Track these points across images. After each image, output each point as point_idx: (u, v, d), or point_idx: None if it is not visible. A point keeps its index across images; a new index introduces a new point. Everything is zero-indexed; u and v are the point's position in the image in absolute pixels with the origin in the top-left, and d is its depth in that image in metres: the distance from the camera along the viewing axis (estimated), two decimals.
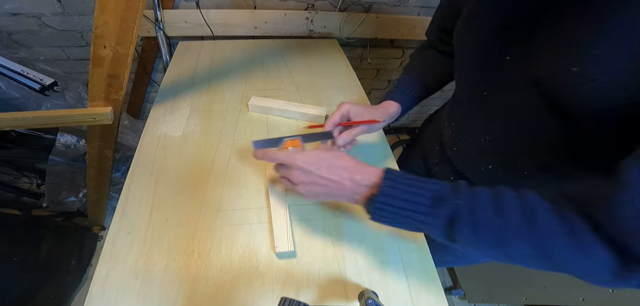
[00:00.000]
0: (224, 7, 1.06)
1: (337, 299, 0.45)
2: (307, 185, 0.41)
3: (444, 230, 0.35)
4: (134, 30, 0.55)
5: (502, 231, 0.33)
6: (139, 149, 0.63)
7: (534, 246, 0.31)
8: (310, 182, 0.41)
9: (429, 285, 0.48)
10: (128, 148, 1.20)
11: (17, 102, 0.94)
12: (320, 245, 0.51)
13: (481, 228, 0.34)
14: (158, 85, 0.91)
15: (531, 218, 0.31)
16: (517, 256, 0.33)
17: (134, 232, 0.50)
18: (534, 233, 0.31)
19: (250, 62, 0.95)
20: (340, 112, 0.55)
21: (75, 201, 1.18)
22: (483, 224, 0.33)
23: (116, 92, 0.65)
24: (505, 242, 0.33)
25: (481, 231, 0.34)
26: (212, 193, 0.57)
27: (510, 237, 0.32)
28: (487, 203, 0.34)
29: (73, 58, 1.14)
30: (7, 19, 0.97)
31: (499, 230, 0.33)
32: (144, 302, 0.43)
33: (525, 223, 0.32)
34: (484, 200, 0.34)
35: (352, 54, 1.33)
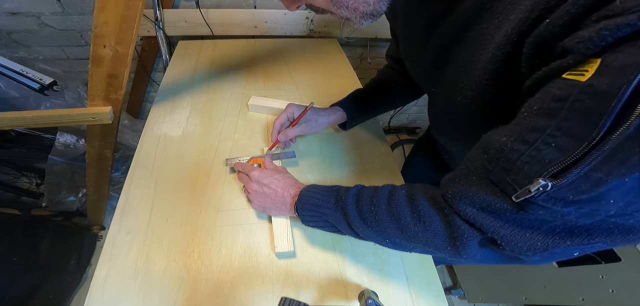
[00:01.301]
0: (224, 6, 1.05)
1: (337, 299, 0.45)
2: (257, 194, 0.50)
3: (346, 224, 0.42)
4: (134, 29, 0.55)
5: (378, 219, 0.39)
6: (139, 149, 0.63)
7: (397, 227, 0.37)
8: (260, 193, 0.50)
9: (429, 285, 0.48)
10: (128, 148, 1.20)
11: (17, 101, 0.94)
12: (320, 245, 0.51)
13: (366, 219, 0.40)
14: (158, 85, 0.91)
15: (390, 201, 0.38)
16: (397, 241, 0.39)
17: (133, 232, 0.50)
18: (392, 213, 0.38)
19: (250, 61, 0.95)
20: (286, 114, 0.61)
21: (75, 201, 1.18)
22: (365, 212, 0.40)
23: (116, 91, 0.65)
24: (385, 229, 0.39)
25: (367, 221, 0.40)
26: (212, 193, 0.56)
27: (384, 222, 0.38)
28: (367, 197, 0.41)
29: (72, 57, 1.13)
30: (6, 18, 0.96)
31: (376, 218, 0.39)
32: (144, 302, 0.43)
33: (388, 206, 0.38)
34: (366, 195, 0.41)
35: (352, 53, 1.33)
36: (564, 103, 0.22)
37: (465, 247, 0.33)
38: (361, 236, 0.42)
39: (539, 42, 0.25)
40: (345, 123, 0.66)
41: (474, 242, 0.32)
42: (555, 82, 0.23)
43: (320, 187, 0.47)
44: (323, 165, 0.64)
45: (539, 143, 0.24)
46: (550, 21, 0.23)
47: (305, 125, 0.60)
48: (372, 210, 0.40)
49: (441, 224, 0.34)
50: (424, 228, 0.35)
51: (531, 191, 0.24)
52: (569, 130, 0.22)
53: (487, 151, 0.29)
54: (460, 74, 0.36)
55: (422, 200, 0.36)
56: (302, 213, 0.46)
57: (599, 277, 0.81)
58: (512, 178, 0.26)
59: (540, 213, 0.26)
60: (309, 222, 0.46)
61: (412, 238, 0.37)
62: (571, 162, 0.22)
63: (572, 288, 0.87)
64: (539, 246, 0.28)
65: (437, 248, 0.35)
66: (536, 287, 0.96)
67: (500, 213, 0.29)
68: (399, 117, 1.75)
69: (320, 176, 0.62)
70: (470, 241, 0.32)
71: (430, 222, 0.35)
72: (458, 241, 0.33)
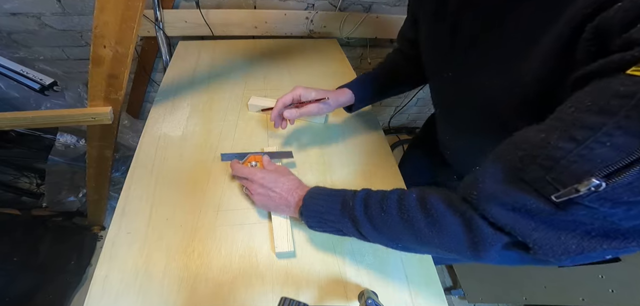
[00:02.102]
0: (224, 7, 1.05)
1: (336, 299, 0.45)
2: (262, 196, 0.50)
3: (354, 230, 0.42)
4: (134, 30, 0.55)
5: (389, 225, 0.38)
6: (139, 149, 0.63)
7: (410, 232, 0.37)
8: (264, 195, 0.50)
9: (429, 285, 0.48)
10: (128, 148, 1.20)
11: (17, 101, 0.94)
12: (320, 245, 0.51)
13: (376, 225, 0.39)
14: (158, 85, 0.91)
15: (401, 207, 0.38)
16: (409, 246, 0.39)
17: (133, 232, 0.50)
18: (404, 219, 0.37)
19: (250, 62, 0.95)
20: (292, 94, 0.58)
21: (75, 201, 1.18)
22: (376, 221, 0.39)
23: (116, 91, 0.65)
24: (396, 235, 0.38)
25: (377, 227, 0.39)
26: (212, 193, 0.57)
27: (396, 228, 0.38)
28: (376, 202, 0.40)
29: (73, 58, 1.13)
30: (6, 18, 0.96)
31: (387, 224, 0.38)
32: (144, 302, 0.43)
33: (399, 211, 0.38)
34: (374, 200, 0.40)
35: (352, 53, 1.33)
36: (627, 100, 0.21)
37: (487, 251, 0.31)
38: (370, 241, 0.42)
39: (602, 28, 0.23)
40: (350, 107, 0.65)
41: (497, 246, 0.31)
42: (617, 78, 0.22)
43: (324, 192, 0.46)
44: (323, 165, 0.64)
45: (590, 142, 0.22)
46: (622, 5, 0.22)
47: (312, 107, 0.58)
48: (382, 216, 0.39)
49: (460, 227, 0.33)
50: (439, 232, 0.34)
51: (580, 191, 0.23)
52: (630, 129, 0.21)
53: (521, 148, 0.28)
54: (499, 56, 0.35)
55: (436, 204, 0.35)
56: (307, 220, 0.46)
57: (599, 277, 0.81)
58: (553, 177, 0.25)
59: (581, 214, 0.25)
60: (314, 228, 0.46)
61: (426, 243, 0.36)
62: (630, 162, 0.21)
63: (572, 288, 0.87)
64: (572, 250, 0.27)
65: (454, 251, 0.34)
66: (536, 287, 0.96)
67: (533, 214, 0.28)
68: (399, 117, 1.75)
69: (320, 176, 0.62)
70: (494, 245, 0.31)
71: (446, 226, 0.34)
72: (479, 245, 0.32)
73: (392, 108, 1.70)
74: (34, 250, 1.07)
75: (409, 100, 1.62)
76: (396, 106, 1.68)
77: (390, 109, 1.71)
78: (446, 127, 0.56)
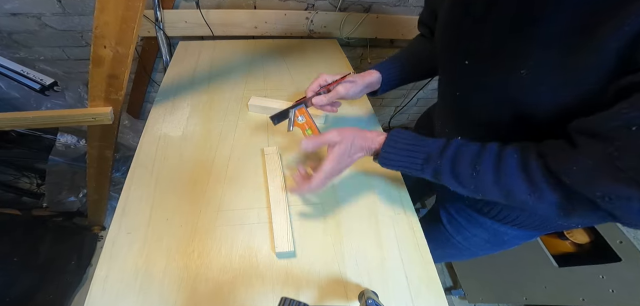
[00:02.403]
0: (224, 7, 1.05)
1: (337, 299, 0.45)
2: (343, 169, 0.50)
3: (433, 179, 0.44)
4: (134, 30, 0.55)
5: (478, 185, 0.40)
6: (139, 149, 0.63)
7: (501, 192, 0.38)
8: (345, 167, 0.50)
9: (429, 285, 0.48)
10: (128, 148, 1.20)
11: (17, 102, 0.94)
12: (320, 245, 0.51)
13: (463, 181, 0.41)
14: (158, 85, 0.91)
15: (499, 168, 0.38)
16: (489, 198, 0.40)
17: (134, 232, 0.50)
18: (500, 181, 0.38)
19: (250, 62, 0.95)
20: (318, 81, 0.59)
21: (75, 201, 1.18)
22: (463, 179, 0.41)
23: (116, 92, 0.65)
24: (483, 192, 0.40)
25: (463, 183, 0.41)
26: (212, 193, 0.57)
27: (485, 188, 0.39)
28: (468, 162, 0.41)
29: (73, 58, 1.14)
30: (7, 19, 0.96)
31: (476, 185, 0.40)
32: (144, 302, 0.43)
33: (495, 174, 0.38)
34: (466, 159, 0.41)
35: (352, 53, 1.33)
36: None
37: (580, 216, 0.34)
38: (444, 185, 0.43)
39: None
40: (375, 92, 0.65)
41: (589, 213, 0.33)
42: None
43: (406, 140, 0.46)
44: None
45: None
46: None
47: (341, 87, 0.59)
48: (472, 176, 0.40)
49: (559, 199, 0.35)
50: (538, 200, 0.36)
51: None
52: None
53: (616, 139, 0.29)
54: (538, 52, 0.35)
55: (538, 172, 0.36)
56: (384, 165, 0.47)
57: (600, 277, 0.81)
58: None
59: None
60: (390, 168, 0.47)
61: (515, 203, 0.38)
62: None
63: (572, 288, 0.87)
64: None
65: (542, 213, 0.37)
66: (536, 287, 0.96)
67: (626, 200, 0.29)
68: (399, 117, 1.75)
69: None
70: (588, 216, 0.34)
71: (546, 196, 0.35)
72: (573, 214, 0.34)
73: (392, 108, 1.70)
74: (34, 250, 1.07)
75: (409, 100, 1.62)
76: (396, 106, 1.68)
77: (390, 109, 1.71)
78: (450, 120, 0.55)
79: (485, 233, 0.59)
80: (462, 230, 0.62)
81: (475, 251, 0.65)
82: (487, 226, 0.57)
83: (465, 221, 0.60)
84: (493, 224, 0.56)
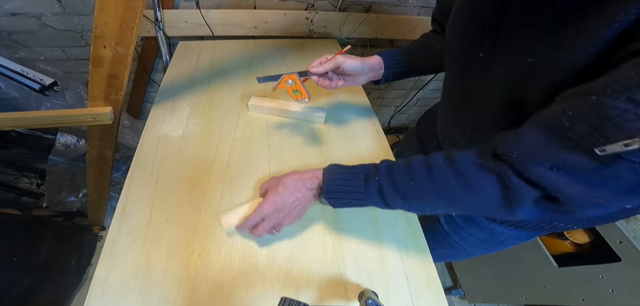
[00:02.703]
0: (224, 7, 1.05)
1: (337, 299, 0.45)
2: (287, 216, 0.48)
3: (381, 202, 0.42)
4: (134, 30, 0.55)
5: (418, 191, 0.39)
6: (139, 149, 0.63)
7: (440, 196, 0.38)
8: (288, 214, 0.48)
9: (429, 285, 0.48)
10: (128, 148, 1.20)
11: (17, 102, 0.94)
12: (320, 245, 0.51)
13: (404, 193, 0.40)
14: (158, 85, 0.91)
15: (430, 173, 0.38)
16: (441, 209, 0.40)
17: (134, 232, 0.50)
18: (434, 183, 0.38)
19: (250, 62, 0.95)
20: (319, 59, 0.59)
21: (75, 201, 1.18)
22: (403, 189, 0.40)
23: (116, 92, 0.65)
24: (426, 200, 0.39)
25: (405, 194, 0.40)
26: (212, 193, 0.57)
27: (426, 194, 0.39)
28: (402, 170, 0.41)
29: (73, 58, 1.14)
30: (7, 19, 0.96)
31: (416, 190, 0.39)
32: (144, 302, 0.43)
33: (428, 178, 0.38)
34: (399, 169, 0.41)
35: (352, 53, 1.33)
36: None
37: (520, 206, 0.33)
38: (396, 208, 0.43)
39: None
40: (379, 81, 0.65)
41: (529, 201, 0.33)
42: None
43: (341, 170, 0.46)
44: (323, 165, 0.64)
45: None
46: None
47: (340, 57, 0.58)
48: (411, 185, 0.40)
49: (495, 186, 0.35)
50: (472, 192, 0.36)
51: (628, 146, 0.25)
52: None
53: (568, 109, 0.29)
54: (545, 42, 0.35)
55: (466, 163, 0.36)
56: (331, 202, 0.46)
57: (599, 277, 0.81)
58: (603, 134, 0.27)
59: (622, 168, 0.27)
60: (338, 206, 0.46)
61: (456, 204, 0.38)
62: None
63: (572, 288, 0.87)
64: (600, 203, 0.30)
65: (484, 209, 0.36)
66: (536, 287, 0.96)
67: (572, 170, 0.30)
68: (399, 117, 1.75)
69: None
70: (527, 201, 0.33)
71: (479, 185, 0.35)
72: (514, 202, 0.34)
73: (392, 108, 1.70)
74: (34, 250, 1.07)
75: (409, 100, 1.62)
76: (396, 106, 1.68)
77: (390, 109, 1.71)
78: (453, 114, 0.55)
79: (481, 233, 0.59)
80: (459, 230, 0.62)
81: (472, 251, 0.65)
82: (484, 226, 0.57)
83: (462, 221, 0.61)
84: (490, 224, 0.56)
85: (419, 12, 1.20)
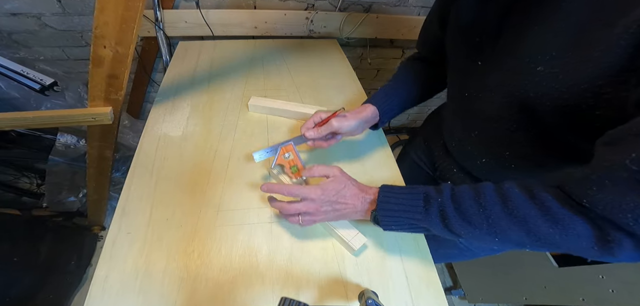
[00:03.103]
0: (224, 7, 1.06)
1: (337, 299, 0.45)
2: (329, 213, 0.46)
3: (442, 225, 0.40)
4: (134, 30, 0.55)
5: (491, 221, 0.37)
6: (139, 149, 0.63)
7: (518, 225, 0.35)
8: (332, 211, 0.46)
9: (429, 285, 0.48)
10: (128, 148, 1.20)
11: (17, 102, 0.94)
12: (321, 245, 0.51)
13: (470, 218, 0.38)
14: (158, 85, 0.91)
15: (504, 197, 0.36)
16: (516, 240, 0.36)
17: (134, 232, 0.50)
18: (511, 212, 0.36)
19: (250, 62, 0.95)
20: (313, 119, 0.57)
21: (75, 201, 1.18)
22: (470, 214, 0.38)
23: (116, 92, 0.65)
24: (500, 230, 0.37)
25: (471, 220, 0.38)
26: (212, 193, 0.57)
27: (503, 226, 0.36)
28: (469, 196, 0.39)
29: (73, 58, 1.14)
30: (7, 19, 0.97)
31: (485, 218, 0.37)
32: (144, 302, 0.43)
33: (502, 205, 0.36)
34: (466, 194, 0.39)
35: (352, 53, 1.33)
36: None
37: (622, 248, 0.31)
38: (458, 236, 0.40)
39: None
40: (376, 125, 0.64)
41: (629, 243, 0.30)
42: None
43: (399, 190, 0.44)
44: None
45: None
46: None
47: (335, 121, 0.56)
48: (481, 212, 0.37)
49: (587, 227, 0.32)
50: (563, 231, 0.33)
51: None
52: None
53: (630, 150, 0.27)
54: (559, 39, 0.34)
55: (551, 201, 0.34)
56: (384, 220, 0.44)
57: (599, 277, 0.81)
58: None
59: None
60: (391, 227, 0.44)
61: (542, 240, 0.34)
62: None
63: (572, 288, 0.87)
64: None
65: (578, 250, 0.33)
66: (536, 287, 0.96)
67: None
68: (400, 117, 1.74)
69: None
70: (627, 243, 0.30)
71: (571, 225, 0.32)
72: (613, 244, 0.31)
73: None
74: (34, 250, 1.07)
75: None
76: None
77: None
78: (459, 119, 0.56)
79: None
80: None
81: (477, 252, 0.65)
82: None
83: None
84: None
85: (419, 12, 1.21)
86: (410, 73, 0.66)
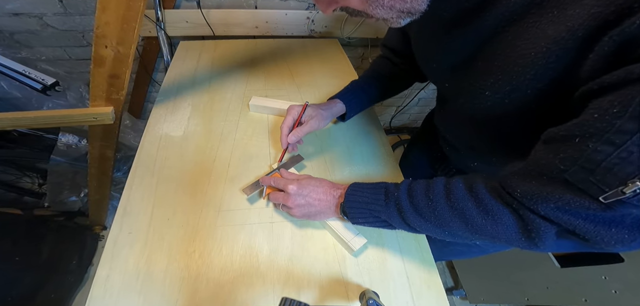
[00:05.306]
0: (225, 6, 1.05)
1: (338, 299, 0.45)
2: (302, 206, 0.49)
3: (400, 218, 0.42)
4: (135, 30, 0.55)
5: (437, 213, 0.39)
6: (140, 149, 0.63)
7: (459, 219, 0.38)
8: (305, 205, 0.49)
9: (430, 285, 0.48)
10: (129, 148, 1.20)
11: (19, 101, 0.95)
12: (321, 245, 0.51)
13: (422, 211, 0.40)
14: (159, 85, 0.91)
15: (449, 192, 0.39)
16: (459, 233, 0.39)
17: (135, 232, 0.50)
18: (453, 206, 0.38)
19: (251, 61, 0.95)
20: (291, 116, 0.59)
21: (77, 201, 1.18)
22: (421, 207, 0.40)
23: (117, 91, 0.65)
24: (445, 223, 0.39)
25: (422, 213, 0.40)
26: (213, 193, 0.57)
27: (446, 218, 0.39)
28: (422, 190, 0.41)
29: (74, 58, 1.14)
30: (8, 19, 0.97)
31: (433, 210, 0.39)
32: (145, 302, 0.43)
33: (446, 199, 0.39)
34: (419, 188, 0.42)
35: (353, 53, 1.33)
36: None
37: (542, 239, 0.33)
38: (416, 230, 0.43)
39: (624, 41, 0.24)
40: (343, 115, 0.66)
41: (551, 234, 0.32)
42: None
43: (365, 185, 0.47)
44: (324, 165, 0.64)
45: (629, 145, 0.23)
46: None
47: (313, 121, 0.59)
48: (429, 205, 0.40)
49: (512, 218, 0.34)
50: (493, 221, 0.35)
51: (625, 193, 0.24)
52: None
53: (560, 150, 0.28)
54: (494, 69, 0.36)
55: (484, 193, 0.36)
56: (350, 213, 0.46)
57: (602, 278, 0.80)
58: (598, 179, 0.26)
59: (630, 211, 0.27)
60: (358, 221, 0.47)
61: (477, 231, 0.37)
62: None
63: (574, 289, 0.86)
64: (626, 239, 0.29)
65: (507, 241, 0.35)
66: (538, 288, 0.96)
67: (580, 211, 0.29)
68: (400, 116, 1.75)
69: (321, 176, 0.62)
70: (548, 233, 0.32)
71: (499, 216, 0.35)
72: (534, 233, 0.33)
73: (393, 108, 1.70)
74: (35, 250, 1.07)
75: (410, 100, 1.61)
76: (397, 106, 1.68)
77: (391, 109, 1.70)
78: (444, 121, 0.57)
79: None
80: None
81: (486, 249, 0.65)
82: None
83: None
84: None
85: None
86: (376, 71, 0.69)
